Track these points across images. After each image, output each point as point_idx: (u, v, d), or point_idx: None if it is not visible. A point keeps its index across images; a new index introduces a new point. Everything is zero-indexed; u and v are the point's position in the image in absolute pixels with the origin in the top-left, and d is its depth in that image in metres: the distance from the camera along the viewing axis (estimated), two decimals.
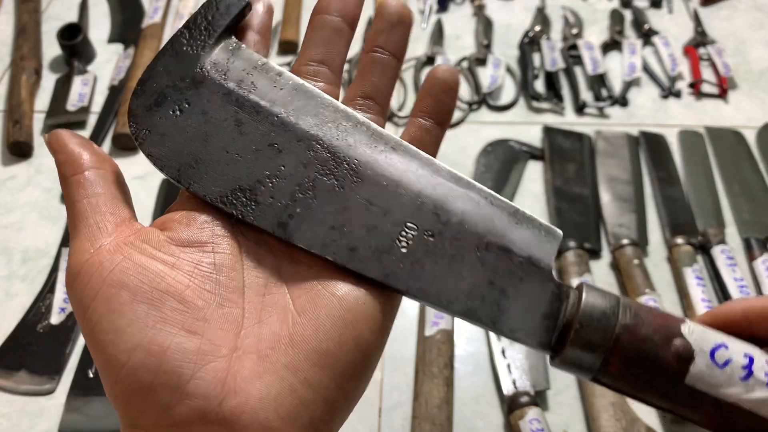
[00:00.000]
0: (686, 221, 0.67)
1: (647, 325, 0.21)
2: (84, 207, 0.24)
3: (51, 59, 0.86)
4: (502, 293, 0.22)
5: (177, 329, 0.21)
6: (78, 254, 0.23)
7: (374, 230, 0.22)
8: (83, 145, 0.25)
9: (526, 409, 0.52)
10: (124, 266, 0.22)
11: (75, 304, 0.23)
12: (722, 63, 0.83)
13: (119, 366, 0.21)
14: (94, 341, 0.22)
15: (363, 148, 0.24)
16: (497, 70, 0.83)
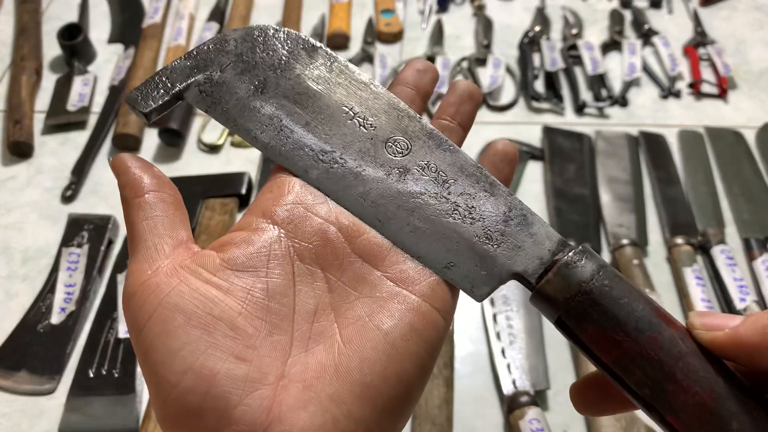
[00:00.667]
0: (686, 221, 0.67)
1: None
2: (143, 229, 0.25)
3: (51, 59, 0.86)
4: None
5: (227, 355, 0.22)
6: (135, 275, 0.24)
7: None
8: (144, 169, 0.26)
9: (526, 408, 0.52)
10: (180, 290, 0.23)
11: (130, 324, 0.23)
12: (722, 63, 0.83)
13: (170, 387, 0.21)
14: (146, 361, 0.22)
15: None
16: (497, 70, 0.83)
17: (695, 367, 0.22)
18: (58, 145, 0.76)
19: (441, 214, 0.25)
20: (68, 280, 0.61)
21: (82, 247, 0.63)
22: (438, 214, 0.25)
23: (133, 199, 0.25)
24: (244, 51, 0.27)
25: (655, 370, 0.22)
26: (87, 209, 0.69)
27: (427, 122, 0.27)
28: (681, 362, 0.22)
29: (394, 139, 0.26)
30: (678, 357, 0.22)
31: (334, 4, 0.92)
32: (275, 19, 0.92)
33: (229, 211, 0.67)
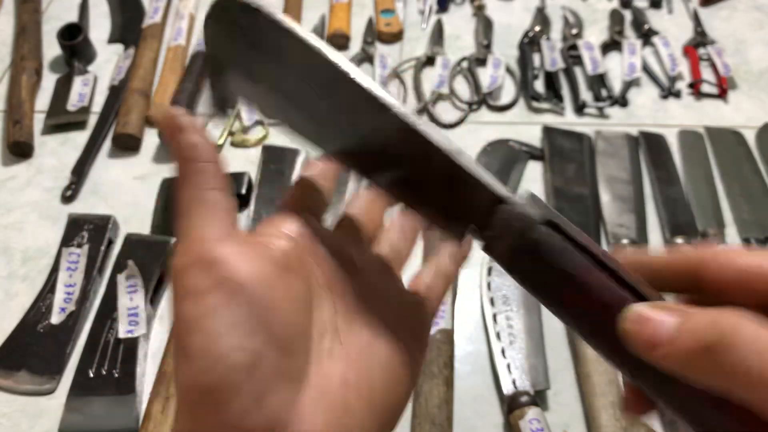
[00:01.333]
0: (686, 221, 0.67)
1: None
2: (214, 197, 0.24)
3: (51, 59, 0.86)
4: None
5: (272, 347, 0.22)
6: (202, 243, 0.23)
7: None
8: (203, 134, 0.25)
9: (526, 408, 0.52)
10: (249, 269, 0.22)
11: (181, 290, 0.22)
12: (722, 63, 0.83)
13: (217, 359, 0.21)
14: (195, 330, 0.21)
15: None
16: (497, 70, 0.83)
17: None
18: (58, 145, 0.76)
19: None
20: (68, 280, 0.61)
21: (82, 247, 0.63)
22: None
23: (202, 162, 0.24)
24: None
25: (596, 305, 0.22)
26: (87, 209, 0.70)
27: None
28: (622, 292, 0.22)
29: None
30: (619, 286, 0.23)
31: (334, 4, 0.92)
32: None
33: None
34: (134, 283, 0.59)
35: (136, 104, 0.77)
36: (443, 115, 0.79)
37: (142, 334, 0.57)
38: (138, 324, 0.58)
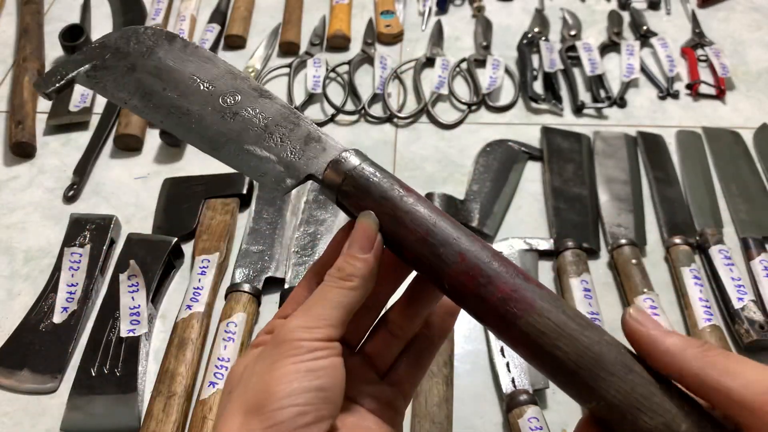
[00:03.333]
0: (684, 221, 0.68)
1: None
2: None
3: (53, 60, 0.87)
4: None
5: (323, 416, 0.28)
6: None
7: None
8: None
9: (525, 407, 0.52)
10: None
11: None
12: (720, 64, 0.83)
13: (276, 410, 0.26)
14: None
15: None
16: (496, 71, 0.83)
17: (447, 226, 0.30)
18: (60, 146, 0.77)
19: (260, 141, 0.34)
20: (70, 279, 0.61)
21: (84, 247, 0.64)
22: (257, 141, 0.34)
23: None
24: (120, 45, 0.36)
25: (416, 224, 0.30)
26: (89, 209, 0.70)
27: (254, 81, 0.36)
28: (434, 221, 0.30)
29: (228, 93, 0.35)
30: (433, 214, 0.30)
31: (335, 6, 0.92)
32: (276, 21, 0.92)
33: (230, 211, 0.68)
34: (136, 283, 0.60)
35: None
36: (443, 116, 0.79)
37: (144, 333, 0.58)
38: (139, 323, 0.58)
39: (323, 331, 0.28)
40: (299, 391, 0.26)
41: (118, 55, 0.36)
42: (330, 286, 0.30)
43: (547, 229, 0.68)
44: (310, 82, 0.82)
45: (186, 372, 0.55)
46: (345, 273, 0.30)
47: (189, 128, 0.34)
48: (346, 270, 0.30)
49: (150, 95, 0.35)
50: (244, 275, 0.62)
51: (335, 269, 0.30)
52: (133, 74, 0.36)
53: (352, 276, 0.29)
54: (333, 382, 0.28)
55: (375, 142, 0.77)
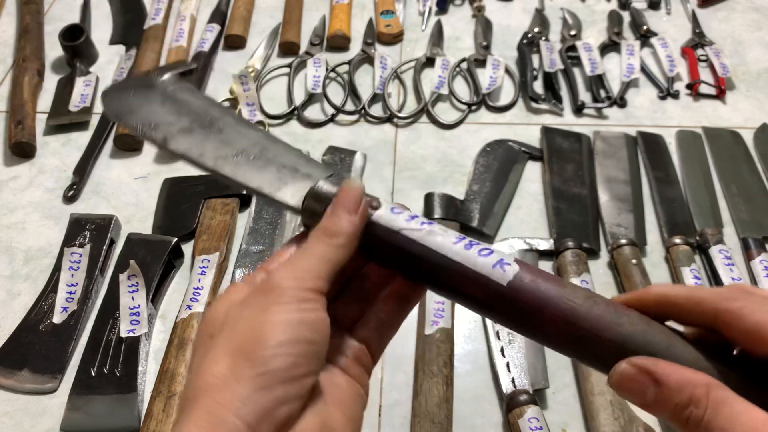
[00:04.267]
0: (684, 221, 0.68)
1: None
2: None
3: (53, 60, 0.87)
4: (283, 184, 0.34)
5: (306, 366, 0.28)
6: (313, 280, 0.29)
7: (219, 149, 0.35)
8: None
9: (525, 407, 0.52)
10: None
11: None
12: (720, 64, 0.83)
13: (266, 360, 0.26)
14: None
15: (230, 122, 0.37)
16: (496, 71, 0.83)
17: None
18: (60, 146, 0.77)
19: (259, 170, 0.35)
20: (70, 279, 0.61)
21: (84, 247, 0.64)
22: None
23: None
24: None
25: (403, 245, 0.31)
26: (89, 209, 0.70)
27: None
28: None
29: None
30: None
31: (335, 6, 0.92)
32: (276, 21, 0.92)
33: (230, 211, 0.68)
34: (136, 283, 0.60)
35: None
36: (443, 116, 0.79)
37: (144, 333, 0.58)
38: (139, 323, 0.58)
39: (312, 282, 0.28)
40: (293, 341, 0.26)
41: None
42: (316, 242, 0.30)
43: (547, 229, 0.68)
44: (310, 82, 0.82)
45: (186, 372, 0.55)
46: (330, 230, 0.30)
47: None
48: (331, 228, 0.30)
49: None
50: (244, 275, 0.62)
51: (320, 229, 0.30)
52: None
53: (339, 233, 0.30)
54: (321, 337, 0.28)
55: (375, 142, 0.77)
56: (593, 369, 0.30)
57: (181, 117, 0.36)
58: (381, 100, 0.81)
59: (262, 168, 0.35)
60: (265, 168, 0.35)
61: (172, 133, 0.35)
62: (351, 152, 0.74)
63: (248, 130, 0.36)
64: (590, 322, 0.28)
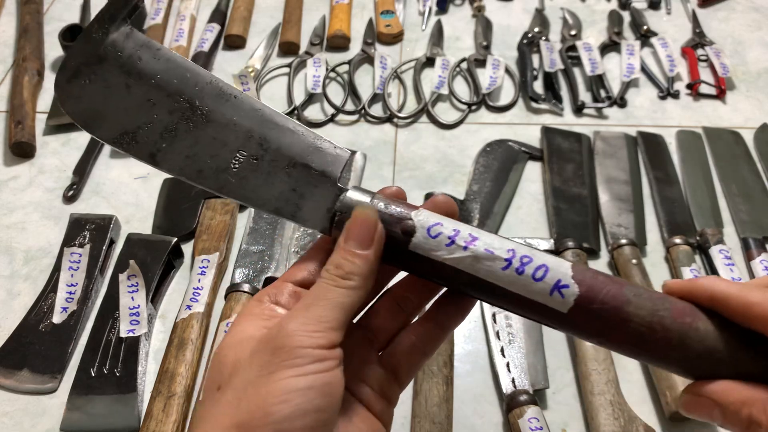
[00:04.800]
0: (684, 221, 0.67)
1: (387, 212, 0.30)
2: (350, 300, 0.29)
3: (53, 60, 0.87)
4: (301, 196, 0.31)
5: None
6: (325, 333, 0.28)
7: (215, 157, 0.31)
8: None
9: (525, 407, 0.52)
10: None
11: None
12: (720, 64, 0.83)
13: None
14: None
15: (212, 99, 0.32)
16: (496, 71, 0.83)
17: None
18: (59, 146, 0.77)
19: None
20: (70, 279, 0.61)
21: (84, 247, 0.64)
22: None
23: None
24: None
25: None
26: (89, 209, 0.70)
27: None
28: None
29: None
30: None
31: (335, 6, 0.92)
32: (276, 21, 0.92)
33: (230, 211, 0.68)
34: (135, 283, 0.60)
35: None
36: (443, 116, 0.79)
37: (144, 333, 0.58)
38: (139, 323, 0.58)
39: (325, 336, 0.26)
40: (301, 414, 0.25)
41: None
42: (328, 285, 0.27)
43: (547, 229, 0.68)
44: (310, 82, 0.82)
45: (186, 372, 0.55)
46: (343, 271, 0.27)
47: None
48: (344, 268, 0.28)
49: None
50: (244, 275, 0.62)
51: (333, 266, 0.28)
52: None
53: (351, 274, 0.27)
54: (332, 402, 0.26)
55: (375, 142, 0.77)
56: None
57: (155, 106, 0.31)
58: (381, 100, 0.81)
59: (270, 175, 0.30)
60: (273, 174, 0.31)
61: (156, 143, 0.31)
62: (351, 152, 0.74)
63: (234, 108, 0.31)
64: (655, 344, 0.27)
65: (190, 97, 0.31)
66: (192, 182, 0.31)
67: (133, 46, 0.32)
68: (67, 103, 0.31)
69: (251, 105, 0.32)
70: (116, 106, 0.31)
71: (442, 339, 0.32)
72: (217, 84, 0.32)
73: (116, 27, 0.32)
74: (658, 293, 0.29)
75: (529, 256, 0.28)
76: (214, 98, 0.32)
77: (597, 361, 0.55)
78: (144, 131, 0.31)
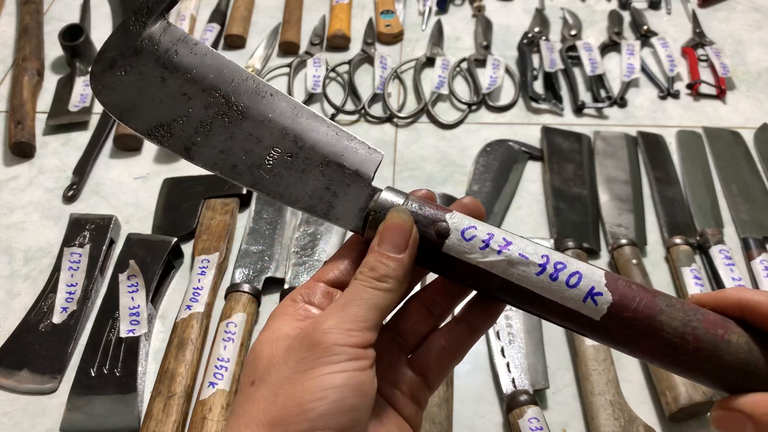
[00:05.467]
0: (684, 221, 0.67)
1: (422, 211, 0.30)
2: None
3: (53, 60, 0.87)
4: (334, 195, 0.31)
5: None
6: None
7: (250, 153, 0.31)
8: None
9: (525, 407, 0.52)
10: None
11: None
12: (720, 64, 0.83)
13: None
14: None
15: (248, 95, 0.32)
16: (496, 71, 0.83)
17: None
18: (59, 146, 0.77)
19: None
20: (70, 279, 0.61)
21: (83, 247, 0.64)
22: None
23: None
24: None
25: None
26: (89, 209, 0.70)
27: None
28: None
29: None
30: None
31: (335, 5, 0.92)
32: (276, 20, 0.92)
33: (230, 211, 0.68)
34: (135, 283, 0.60)
35: None
36: (443, 116, 0.79)
37: (143, 333, 0.58)
38: (139, 323, 0.58)
39: (360, 336, 0.26)
40: (335, 412, 0.25)
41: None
42: (363, 285, 0.28)
43: (547, 229, 0.68)
44: (310, 82, 0.81)
45: (186, 372, 0.55)
46: (378, 274, 0.28)
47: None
48: (379, 270, 0.28)
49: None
50: (243, 275, 0.62)
51: (367, 268, 0.28)
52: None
53: (386, 277, 0.28)
54: (365, 401, 0.26)
55: (375, 142, 0.77)
56: None
57: (191, 100, 0.31)
58: (381, 100, 0.81)
59: (304, 173, 0.30)
60: (308, 172, 0.30)
61: (190, 137, 0.30)
62: None
63: (270, 105, 0.31)
64: (687, 355, 0.27)
65: (226, 92, 0.31)
66: (226, 177, 0.31)
67: (170, 40, 0.32)
68: (101, 94, 0.31)
69: (287, 103, 0.32)
70: (151, 98, 0.31)
71: (472, 343, 0.32)
72: (254, 81, 0.32)
73: (154, 21, 0.32)
74: (689, 304, 0.28)
75: (563, 262, 0.28)
76: (250, 95, 0.31)
77: (597, 361, 0.55)
78: (179, 125, 0.31)
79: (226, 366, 0.54)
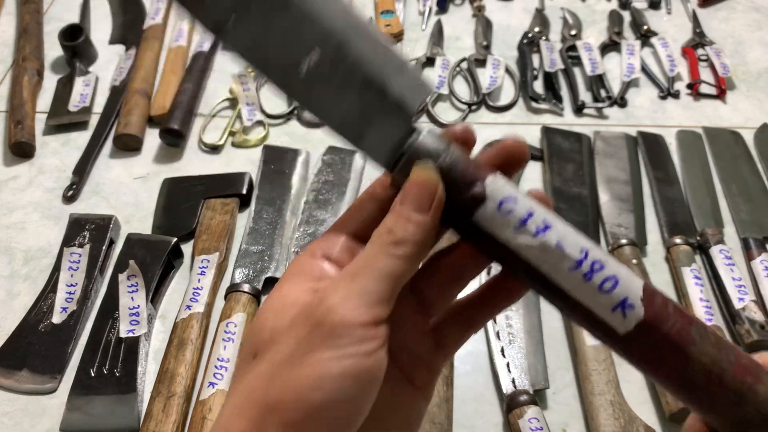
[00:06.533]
0: (684, 221, 0.67)
1: (460, 167, 0.26)
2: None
3: (53, 60, 0.87)
4: (369, 123, 0.27)
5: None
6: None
7: (286, 49, 0.27)
8: None
9: (525, 407, 0.52)
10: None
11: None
12: (720, 64, 0.83)
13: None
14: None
15: None
16: (496, 70, 0.83)
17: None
18: (59, 146, 0.77)
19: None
20: (70, 279, 0.61)
21: (83, 247, 0.63)
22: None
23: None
24: None
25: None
26: (88, 209, 0.70)
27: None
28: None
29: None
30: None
31: None
32: None
33: (230, 211, 0.68)
34: (135, 283, 0.60)
35: (137, 105, 0.77)
36: (443, 116, 0.79)
37: (143, 333, 0.58)
38: (139, 323, 0.58)
39: (371, 312, 0.23)
40: (330, 404, 0.23)
41: None
42: (378, 251, 0.25)
43: None
44: None
45: (186, 372, 0.55)
46: (396, 237, 0.24)
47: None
48: (397, 233, 0.24)
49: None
50: (243, 275, 0.62)
51: (385, 229, 0.25)
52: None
53: (405, 241, 0.24)
54: (368, 390, 0.24)
55: None
56: None
57: None
58: None
59: (341, 89, 0.27)
60: (345, 88, 0.27)
61: (224, 12, 0.26)
62: (351, 152, 0.74)
63: (320, 4, 0.26)
64: (708, 396, 0.25)
65: None
66: (257, 69, 0.27)
67: None
68: None
69: (341, 3, 0.27)
70: None
71: (492, 316, 0.30)
72: None
73: None
74: (725, 340, 0.26)
75: (602, 262, 0.25)
76: None
77: (597, 361, 0.55)
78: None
79: (226, 366, 0.54)
